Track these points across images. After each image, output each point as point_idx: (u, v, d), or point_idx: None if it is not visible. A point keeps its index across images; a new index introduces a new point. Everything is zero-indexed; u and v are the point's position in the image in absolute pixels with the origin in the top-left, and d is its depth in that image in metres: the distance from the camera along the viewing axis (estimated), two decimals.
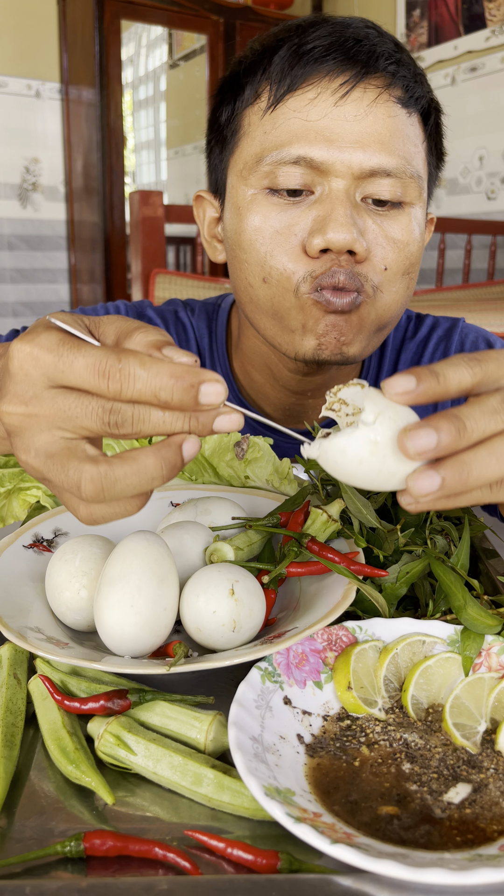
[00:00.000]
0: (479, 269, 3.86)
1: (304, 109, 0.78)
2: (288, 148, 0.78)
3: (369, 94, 0.77)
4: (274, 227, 0.80)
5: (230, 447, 0.76)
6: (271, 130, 0.80)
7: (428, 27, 4.04)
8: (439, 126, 0.88)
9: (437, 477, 0.44)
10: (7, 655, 0.54)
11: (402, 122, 0.79)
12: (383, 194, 0.78)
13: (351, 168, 0.77)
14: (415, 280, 0.86)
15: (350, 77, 0.77)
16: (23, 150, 4.18)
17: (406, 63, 0.81)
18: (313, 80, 0.78)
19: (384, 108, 0.78)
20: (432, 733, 0.49)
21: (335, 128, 0.77)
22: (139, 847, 0.40)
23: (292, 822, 0.38)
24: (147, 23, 4.13)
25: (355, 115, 0.77)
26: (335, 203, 0.77)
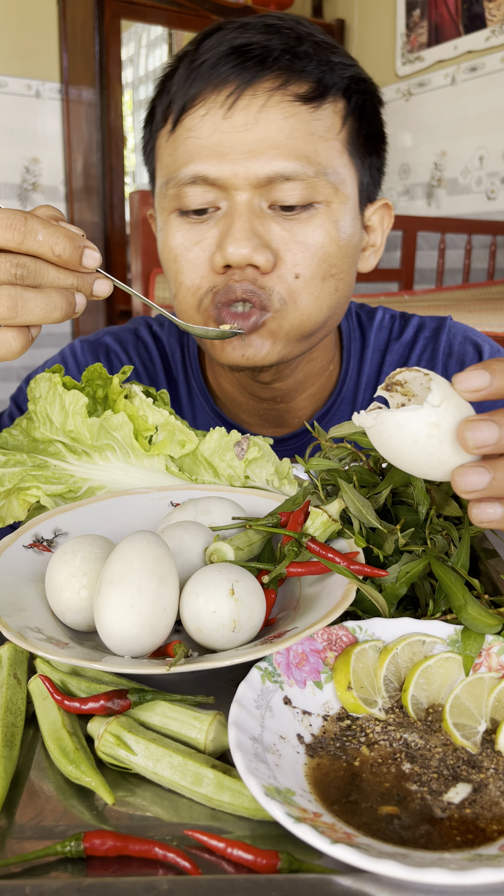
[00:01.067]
0: (479, 269, 3.86)
1: (196, 127, 0.77)
2: (185, 169, 0.78)
3: (258, 100, 0.75)
4: (183, 246, 0.81)
5: (230, 447, 0.76)
6: (173, 153, 0.80)
7: (428, 27, 4.04)
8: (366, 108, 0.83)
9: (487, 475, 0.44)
10: (7, 655, 0.54)
11: (303, 120, 0.76)
12: (288, 199, 0.77)
13: (247, 179, 0.76)
14: (346, 281, 0.84)
15: (236, 86, 0.75)
16: (23, 150, 4.18)
17: (308, 54, 0.77)
18: (203, 96, 0.77)
19: (278, 111, 0.76)
20: (432, 733, 0.49)
21: (226, 141, 0.76)
22: (139, 847, 0.40)
23: (292, 822, 0.38)
24: (147, 23, 4.13)
25: (245, 123, 0.75)
26: (234, 217, 0.76)
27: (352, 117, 0.81)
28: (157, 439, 0.76)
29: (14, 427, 0.78)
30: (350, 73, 0.81)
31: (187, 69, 0.79)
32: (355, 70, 0.82)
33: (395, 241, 4.16)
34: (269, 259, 0.77)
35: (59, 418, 0.75)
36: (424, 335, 1.00)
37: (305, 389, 0.94)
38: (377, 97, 0.86)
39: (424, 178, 4.11)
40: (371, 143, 0.85)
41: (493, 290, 3.14)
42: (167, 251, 0.83)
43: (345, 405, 0.98)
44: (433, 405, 0.44)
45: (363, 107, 0.83)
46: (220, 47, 0.77)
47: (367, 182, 0.86)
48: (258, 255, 0.76)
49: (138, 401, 0.76)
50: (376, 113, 0.86)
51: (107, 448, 0.76)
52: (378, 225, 0.91)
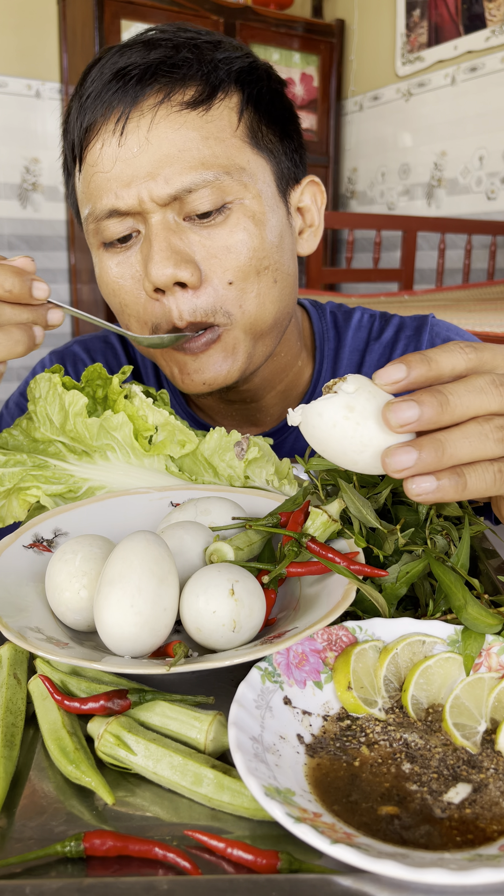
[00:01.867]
0: (479, 269, 3.86)
1: (98, 162, 0.78)
2: (98, 204, 0.79)
3: (146, 118, 0.75)
4: (118, 277, 0.81)
5: (230, 447, 0.76)
6: (84, 190, 0.81)
7: (428, 27, 4.04)
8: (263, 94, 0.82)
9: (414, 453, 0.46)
10: (7, 655, 0.54)
11: (194, 126, 0.76)
12: (199, 207, 0.76)
13: (154, 201, 0.76)
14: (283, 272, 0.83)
15: (122, 111, 0.75)
16: (23, 150, 4.18)
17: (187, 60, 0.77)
18: (96, 128, 0.77)
19: (166, 125, 0.75)
20: (432, 733, 0.49)
21: (126, 169, 0.76)
22: (139, 847, 0.40)
23: (292, 822, 0.38)
24: (147, 23, 4.13)
25: (138, 146, 0.75)
26: (151, 240, 0.77)
27: (248, 109, 0.80)
28: (157, 439, 0.76)
29: (14, 427, 0.78)
30: (238, 65, 0.80)
31: (78, 104, 0.79)
32: (244, 61, 0.81)
33: (395, 241, 4.16)
34: (194, 272, 0.76)
35: (59, 418, 0.75)
36: (406, 334, 0.99)
37: (273, 387, 0.94)
38: (275, 80, 0.85)
39: (424, 178, 4.11)
40: (277, 129, 0.84)
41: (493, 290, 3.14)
42: (105, 286, 0.84)
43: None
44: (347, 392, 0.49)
45: (259, 95, 0.81)
46: (102, 76, 0.77)
47: (287, 167, 0.85)
48: (181, 272, 0.76)
49: (138, 401, 0.76)
50: (277, 96, 0.84)
51: (107, 448, 0.76)
52: (311, 204, 0.90)
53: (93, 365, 0.77)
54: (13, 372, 4.48)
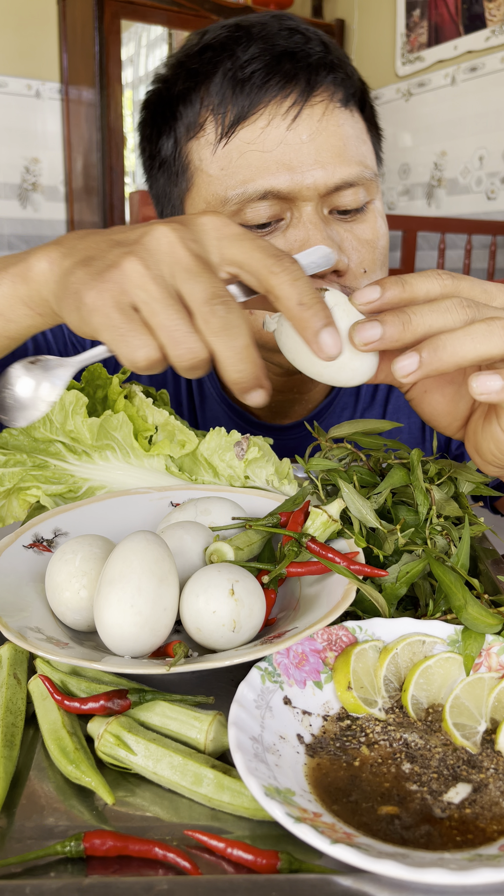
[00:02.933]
0: (479, 269, 3.86)
1: (258, 140, 0.76)
2: (252, 184, 0.76)
3: (317, 110, 0.76)
4: None
5: (230, 447, 0.76)
6: (228, 166, 0.78)
7: (428, 27, 4.04)
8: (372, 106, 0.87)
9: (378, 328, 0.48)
10: (7, 655, 0.54)
11: (350, 126, 0.79)
12: (351, 204, 0.79)
13: (317, 189, 0.76)
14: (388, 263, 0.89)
15: (296, 98, 0.75)
16: (23, 150, 4.18)
17: (336, 63, 0.79)
18: (260, 108, 0.75)
19: (332, 119, 0.77)
20: (432, 733, 0.49)
21: (293, 153, 0.75)
22: (139, 847, 0.40)
23: (292, 822, 0.38)
24: (147, 23, 4.13)
25: (309, 134, 0.75)
26: (309, 228, 0.77)
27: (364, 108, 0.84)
28: (156, 439, 0.76)
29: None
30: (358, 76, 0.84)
31: (230, 79, 0.77)
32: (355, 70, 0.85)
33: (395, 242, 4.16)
34: (345, 262, 0.79)
35: (59, 418, 0.75)
36: None
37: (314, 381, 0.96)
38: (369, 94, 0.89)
39: (424, 178, 4.11)
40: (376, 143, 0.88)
41: None
42: None
43: (346, 397, 1.00)
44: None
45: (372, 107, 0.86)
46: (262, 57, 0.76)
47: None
48: (341, 260, 0.78)
49: (138, 401, 0.76)
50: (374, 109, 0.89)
51: (107, 448, 0.76)
52: None
53: (93, 365, 0.77)
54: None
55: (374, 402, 1.01)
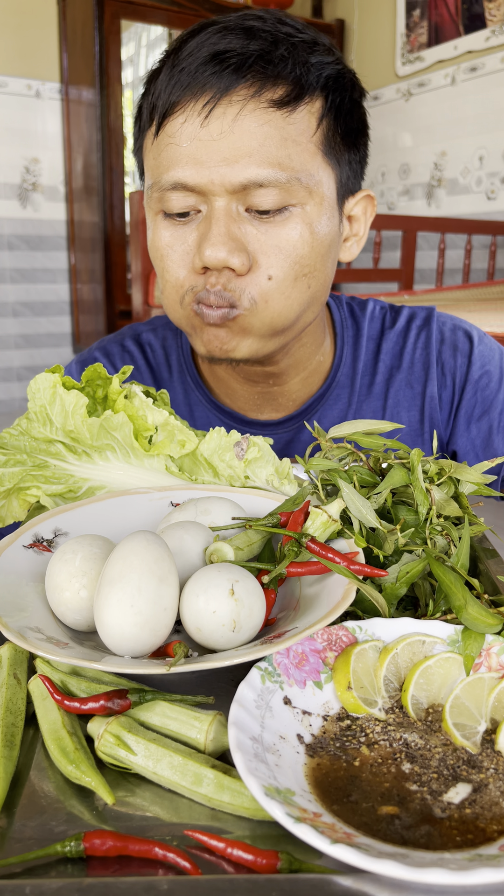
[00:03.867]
0: (479, 269, 3.87)
1: (176, 135, 0.79)
2: (166, 175, 0.80)
3: (233, 108, 0.77)
4: (167, 247, 0.84)
5: (230, 447, 0.76)
6: (156, 157, 0.82)
7: (428, 27, 4.04)
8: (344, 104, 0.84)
9: None
10: (7, 655, 0.54)
11: (276, 126, 0.78)
12: (263, 204, 0.79)
13: (223, 185, 0.78)
14: (320, 279, 0.86)
15: (212, 95, 0.77)
16: (23, 150, 4.18)
17: (283, 58, 0.78)
18: (183, 103, 0.79)
19: (252, 118, 0.77)
20: (432, 733, 0.49)
21: (202, 149, 0.78)
22: (139, 847, 0.40)
23: (292, 822, 0.38)
24: (147, 23, 4.13)
25: (220, 132, 0.77)
26: (211, 222, 0.80)
27: (328, 116, 0.82)
28: (156, 439, 0.76)
29: (14, 427, 0.78)
30: (328, 71, 0.82)
31: (169, 73, 0.80)
32: (334, 67, 0.83)
33: (395, 241, 4.16)
34: (245, 262, 0.80)
35: (59, 418, 0.75)
36: (416, 324, 1.03)
37: (297, 373, 0.98)
38: (358, 90, 0.87)
39: (424, 178, 4.11)
40: (349, 139, 0.86)
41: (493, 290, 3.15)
42: (154, 249, 0.87)
43: (340, 389, 1.01)
44: None
45: (340, 104, 0.84)
46: (200, 52, 0.78)
47: (348, 177, 0.88)
48: (233, 259, 0.79)
49: (138, 401, 0.76)
50: (356, 107, 0.87)
51: (107, 448, 0.76)
52: (361, 215, 0.94)
53: (93, 365, 0.77)
54: (13, 372, 4.48)
55: (370, 394, 1.01)
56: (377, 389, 1.01)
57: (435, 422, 1.00)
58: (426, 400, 1.00)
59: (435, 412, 1.00)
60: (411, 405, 1.00)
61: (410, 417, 1.01)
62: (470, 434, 0.99)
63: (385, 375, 1.01)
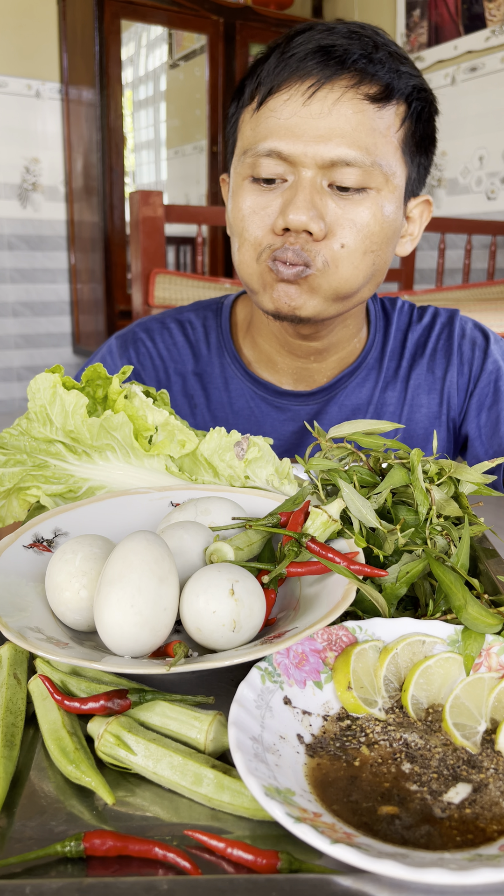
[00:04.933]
0: (479, 269, 3.86)
1: (278, 109, 0.89)
2: (263, 143, 0.90)
3: (334, 94, 0.87)
4: (251, 208, 0.93)
5: (230, 447, 0.76)
6: (255, 128, 0.92)
7: (428, 27, 4.04)
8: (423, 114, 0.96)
9: None
10: (7, 655, 0.54)
11: (368, 116, 0.88)
12: (345, 181, 0.88)
13: (315, 159, 0.87)
14: (383, 258, 0.96)
15: (317, 79, 0.88)
16: (23, 150, 4.18)
17: (381, 61, 0.90)
18: (288, 84, 0.89)
19: (349, 105, 0.88)
20: (432, 733, 0.49)
21: (301, 124, 0.88)
22: (139, 847, 0.40)
23: (292, 822, 0.38)
24: (147, 23, 4.13)
25: (320, 112, 0.87)
26: (298, 189, 0.89)
27: (409, 120, 0.93)
28: (156, 439, 0.76)
29: (14, 427, 0.78)
30: (414, 82, 0.93)
31: (278, 59, 0.90)
32: (419, 81, 0.94)
33: None
34: (322, 229, 0.88)
35: (59, 418, 0.75)
36: (441, 320, 1.14)
37: (336, 352, 1.08)
38: (434, 107, 0.99)
39: None
40: (423, 145, 0.98)
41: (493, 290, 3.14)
42: (237, 210, 0.95)
43: (368, 370, 1.11)
44: None
45: (420, 113, 0.95)
46: (308, 44, 0.89)
47: (414, 178, 0.98)
48: (313, 224, 0.87)
49: (138, 401, 0.76)
50: (431, 119, 0.98)
51: (107, 448, 0.76)
52: (418, 217, 1.04)
53: (92, 365, 0.77)
54: (13, 372, 4.48)
55: (396, 377, 1.10)
56: (402, 373, 1.11)
57: (451, 406, 1.10)
58: (445, 385, 1.09)
59: (452, 398, 1.09)
60: (431, 389, 1.10)
61: (430, 401, 1.10)
62: (480, 420, 1.07)
63: (409, 361, 1.11)
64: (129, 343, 1.16)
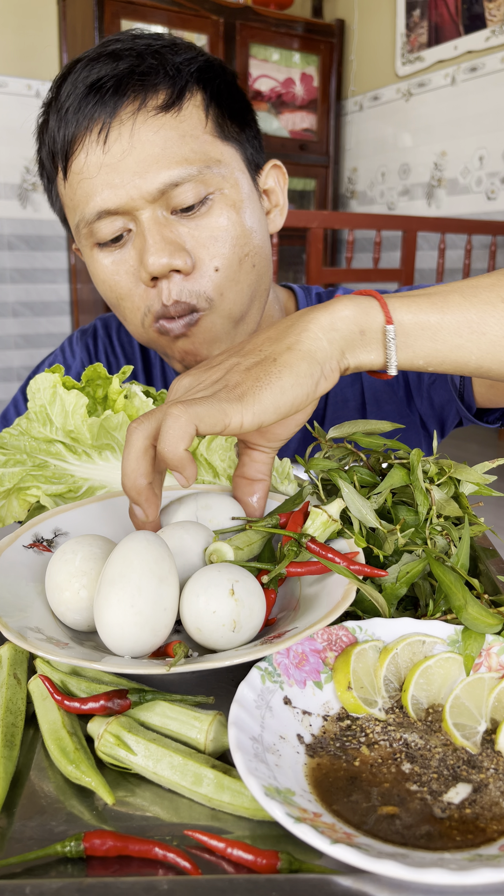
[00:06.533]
0: (479, 269, 3.86)
1: (83, 170, 0.83)
2: (87, 208, 0.83)
3: (126, 126, 0.81)
4: (112, 272, 0.87)
5: (230, 447, 0.76)
6: (73, 197, 0.86)
7: (428, 27, 4.04)
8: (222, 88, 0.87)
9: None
10: (7, 655, 0.54)
11: (170, 126, 0.82)
12: (186, 201, 0.82)
13: (143, 197, 0.81)
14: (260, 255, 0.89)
15: (103, 121, 0.81)
16: (23, 150, 4.18)
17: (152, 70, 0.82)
18: (78, 140, 0.82)
19: (145, 128, 0.81)
20: (432, 733, 0.49)
21: (112, 172, 0.81)
22: (139, 847, 0.40)
23: (292, 822, 0.38)
24: (147, 23, 4.13)
25: (122, 151, 0.81)
26: (145, 233, 0.82)
27: (213, 104, 0.86)
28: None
29: (14, 427, 0.78)
30: (196, 64, 0.85)
31: (56, 118, 0.84)
32: (199, 60, 0.86)
33: (395, 242, 4.16)
34: (188, 261, 0.82)
35: (59, 418, 0.75)
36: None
37: None
38: (228, 73, 0.90)
39: (424, 178, 4.11)
40: (239, 119, 0.89)
41: None
42: (100, 283, 0.89)
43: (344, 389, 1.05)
44: None
45: (219, 90, 0.87)
46: (77, 90, 0.82)
47: (251, 153, 0.91)
48: (176, 260, 0.82)
49: (138, 401, 0.76)
50: (233, 88, 0.90)
51: (107, 448, 0.76)
52: (275, 185, 0.97)
53: (92, 365, 0.77)
54: (13, 372, 4.48)
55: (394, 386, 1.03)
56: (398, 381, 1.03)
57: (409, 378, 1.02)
58: None
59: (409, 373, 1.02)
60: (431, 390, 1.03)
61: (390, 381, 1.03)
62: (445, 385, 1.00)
63: None
64: (88, 335, 1.15)
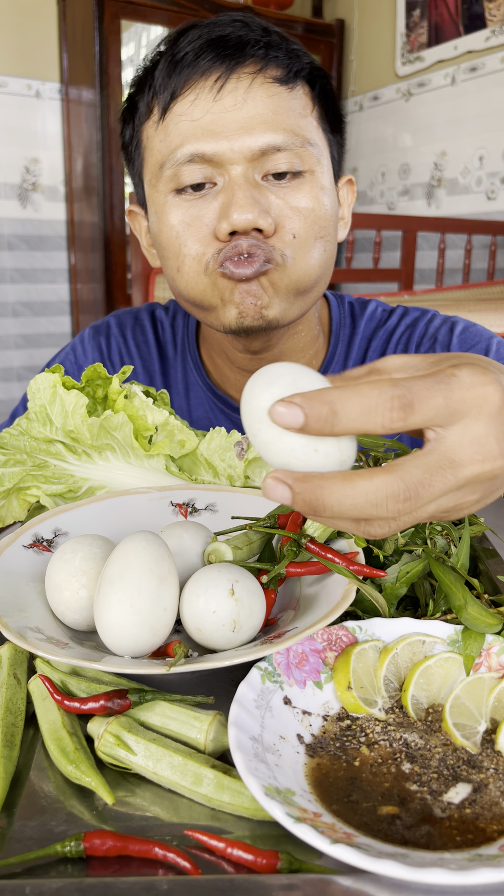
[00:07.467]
0: (479, 269, 3.86)
1: (188, 112, 0.83)
2: (180, 149, 0.83)
3: (244, 82, 0.82)
4: (185, 221, 0.85)
5: (230, 447, 0.76)
6: (165, 138, 0.86)
7: (428, 27, 4.03)
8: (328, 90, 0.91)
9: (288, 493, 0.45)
10: (7, 655, 0.54)
11: (284, 98, 0.84)
12: (280, 167, 0.83)
13: (242, 152, 0.82)
14: (332, 244, 0.91)
15: (222, 72, 0.82)
16: (23, 150, 4.18)
17: (276, 44, 0.85)
18: (191, 84, 0.83)
19: (262, 91, 0.83)
20: (432, 733, 0.49)
21: (218, 120, 0.82)
22: (139, 847, 0.40)
23: (292, 822, 0.38)
24: (147, 23, 4.13)
25: (234, 103, 0.82)
26: (234, 188, 0.82)
27: (318, 99, 0.89)
28: (156, 439, 0.76)
29: (14, 427, 0.78)
30: (308, 60, 0.89)
31: (169, 62, 0.85)
32: (311, 59, 0.90)
33: (395, 241, 4.15)
34: (271, 223, 0.83)
35: (59, 418, 0.75)
36: (406, 322, 1.06)
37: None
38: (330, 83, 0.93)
39: (424, 178, 4.11)
40: (335, 124, 0.93)
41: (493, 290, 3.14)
42: (168, 230, 0.87)
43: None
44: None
45: (325, 91, 0.90)
46: (198, 41, 0.84)
47: (335, 158, 0.94)
48: (262, 220, 0.81)
49: (138, 401, 0.76)
50: (334, 98, 0.93)
51: (107, 448, 0.76)
52: (345, 199, 0.99)
53: (92, 365, 0.77)
54: (13, 372, 4.48)
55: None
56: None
57: None
58: None
59: None
60: None
61: None
62: None
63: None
64: (101, 333, 1.13)
